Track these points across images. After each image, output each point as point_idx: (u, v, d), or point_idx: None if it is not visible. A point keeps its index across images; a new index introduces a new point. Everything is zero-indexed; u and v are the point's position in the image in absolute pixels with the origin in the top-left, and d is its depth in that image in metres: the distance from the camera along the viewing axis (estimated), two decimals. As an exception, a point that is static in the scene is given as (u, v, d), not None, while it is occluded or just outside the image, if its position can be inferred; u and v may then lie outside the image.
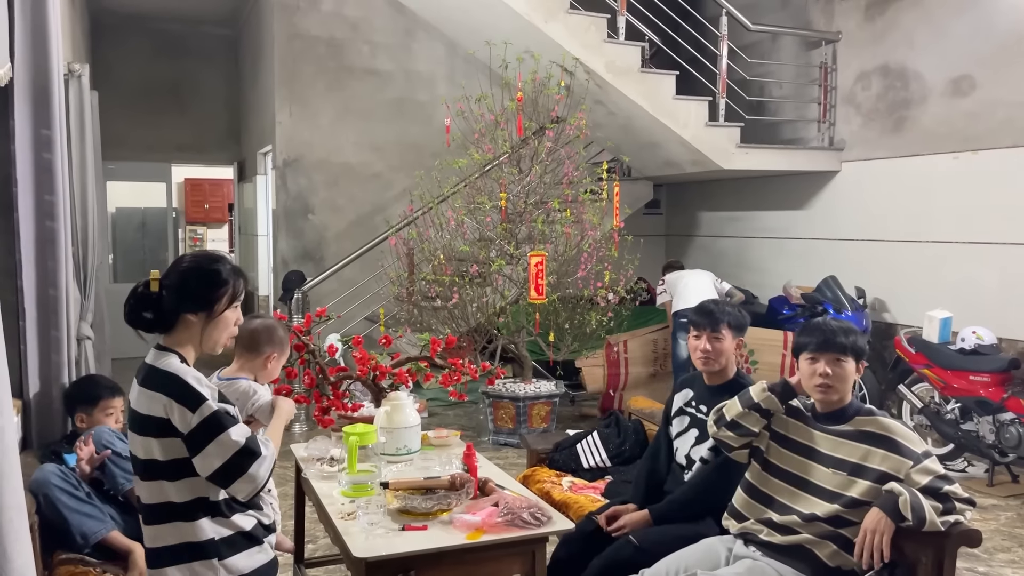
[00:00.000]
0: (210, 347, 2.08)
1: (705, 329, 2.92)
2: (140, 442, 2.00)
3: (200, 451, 1.93)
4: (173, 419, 1.93)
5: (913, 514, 2.19)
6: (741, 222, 8.10)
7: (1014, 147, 5.55)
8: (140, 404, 1.98)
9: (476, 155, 5.98)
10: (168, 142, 9.47)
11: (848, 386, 2.43)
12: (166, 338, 2.05)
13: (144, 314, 2.01)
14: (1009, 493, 4.97)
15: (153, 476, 1.99)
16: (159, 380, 1.96)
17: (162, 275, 2.04)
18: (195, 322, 2.04)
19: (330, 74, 7.70)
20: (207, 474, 1.95)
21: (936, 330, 5.48)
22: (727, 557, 2.54)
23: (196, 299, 2.03)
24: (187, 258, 2.10)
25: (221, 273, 2.05)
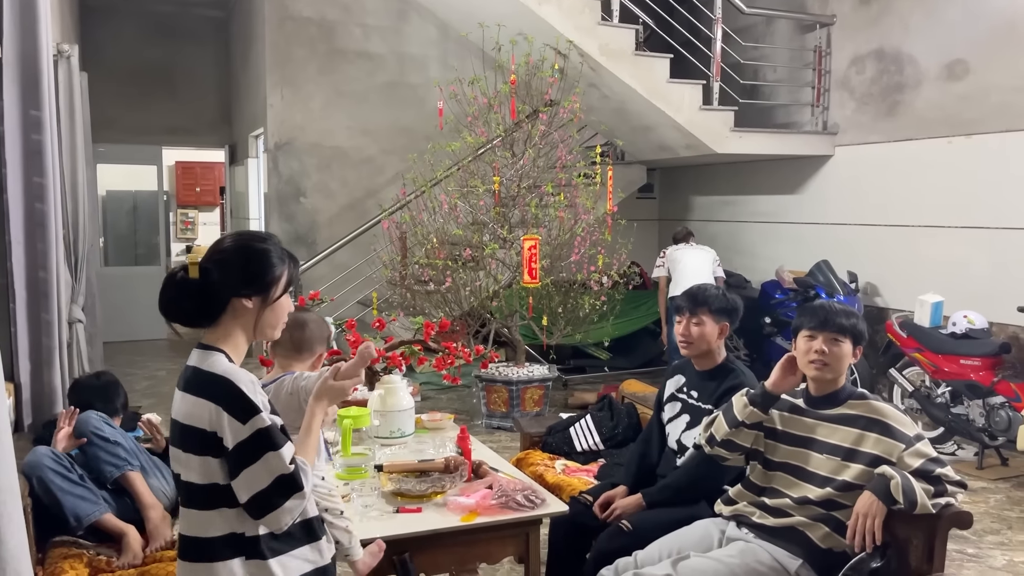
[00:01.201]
0: (267, 335, 1.83)
1: (685, 313, 2.93)
2: (182, 458, 1.73)
3: (243, 470, 1.65)
4: (220, 431, 1.66)
5: (904, 497, 2.20)
6: (734, 206, 8.10)
7: (1007, 131, 5.55)
8: (182, 412, 1.72)
9: (469, 138, 5.96)
10: (159, 125, 9.40)
11: (843, 367, 2.44)
12: (210, 332, 1.78)
13: (185, 304, 1.75)
14: (998, 476, 5.00)
15: (191, 503, 1.74)
16: (206, 384, 1.69)
17: (202, 259, 1.78)
18: (249, 309, 1.78)
19: (322, 57, 7.64)
20: (245, 499, 1.67)
21: (927, 314, 5.51)
22: (720, 539, 2.55)
23: (251, 281, 1.77)
24: (232, 238, 1.84)
25: (274, 253, 1.80)
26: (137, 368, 8.11)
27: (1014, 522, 4.31)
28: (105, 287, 9.51)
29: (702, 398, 2.93)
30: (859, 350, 2.46)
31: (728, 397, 2.85)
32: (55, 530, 2.70)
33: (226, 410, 1.65)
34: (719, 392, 2.87)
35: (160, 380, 7.61)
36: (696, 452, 2.82)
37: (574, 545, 2.91)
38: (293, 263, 1.85)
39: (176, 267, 1.77)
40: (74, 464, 2.76)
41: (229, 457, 1.66)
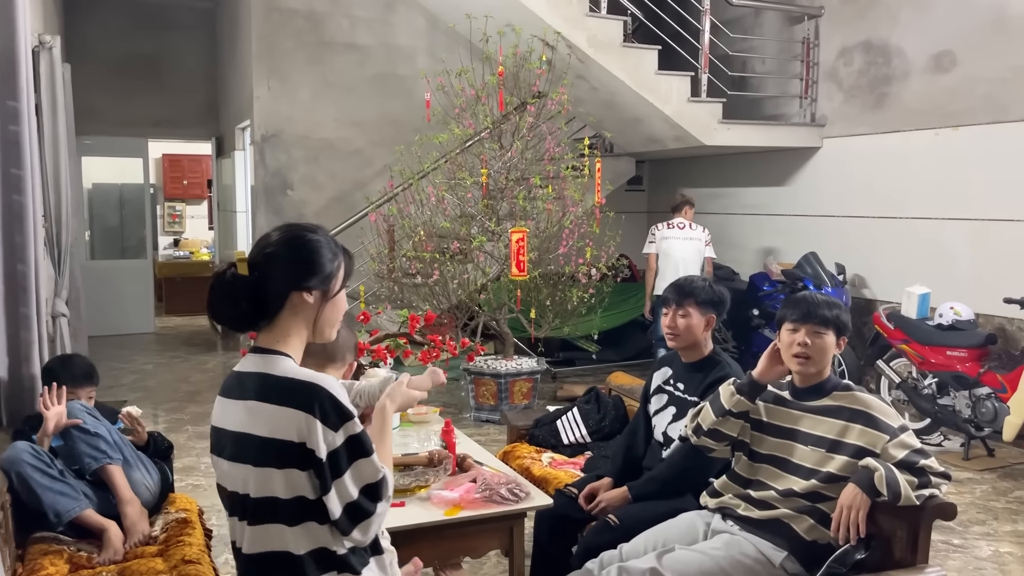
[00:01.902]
0: (326, 334, 1.70)
1: (671, 305, 2.92)
2: (252, 475, 1.58)
3: (336, 480, 1.54)
4: (312, 442, 1.53)
5: (888, 489, 2.20)
6: (723, 199, 8.10)
7: (994, 123, 5.56)
8: (257, 424, 1.58)
9: (456, 130, 5.92)
10: (145, 117, 9.33)
11: (826, 359, 2.43)
12: (266, 334, 1.65)
13: (241, 304, 1.61)
14: (984, 467, 5.03)
15: (265, 518, 1.59)
16: (291, 392, 1.56)
17: (251, 255, 1.65)
18: (310, 304, 1.65)
19: (309, 48, 7.58)
20: (338, 511, 1.56)
21: (914, 306, 5.52)
22: (705, 532, 2.54)
23: (311, 272, 1.64)
24: (279, 230, 1.70)
25: (328, 243, 1.69)
26: (123, 362, 8.06)
27: (1000, 512, 4.33)
28: (91, 281, 9.44)
29: (688, 390, 2.92)
30: (843, 341, 2.46)
31: (714, 389, 2.84)
32: (35, 526, 2.67)
33: (319, 418, 1.53)
34: (705, 384, 2.86)
35: (147, 374, 7.57)
36: (682, 444, 2.80)
37: (559, 538, 2.89)
38: (347, 255, 1.74)
39: (223, 265, 1.64)
40: (54, 460, 2.73)
41: (320, 468, 1.53)
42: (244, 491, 1.61)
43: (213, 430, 1.70)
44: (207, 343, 9.07)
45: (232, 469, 1.62)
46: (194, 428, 5.78)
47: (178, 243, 13.07)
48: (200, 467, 4.97)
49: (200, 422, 5.93)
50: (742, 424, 2.52)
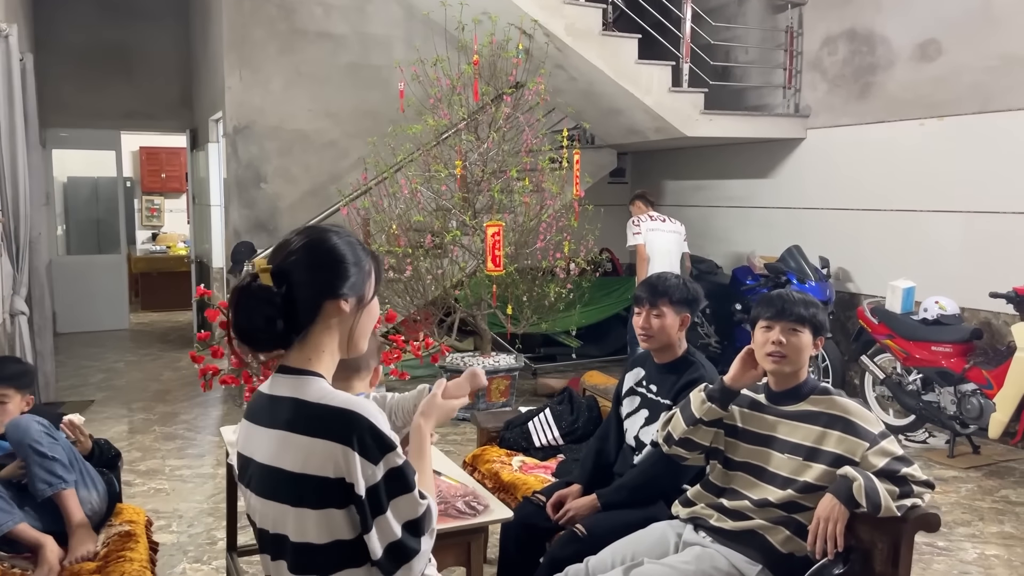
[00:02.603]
0: (360, 346, 1.53)
1: (644, 304, 2.78)
2: (289, 514, 1.41)
3: (377, 517, 1.38)
4: (351, 476, 1.36)
5: (868, 500, 2.07)
6: (706, 191, 7.96)
7: (980, 113, 5.44)
8: (288, 458, 1.40)
9: (431, 121, 5.76)
10: (116, 108, 9.09)
11: (802, 359, 2.30)
12: (297, 352, 1.47)
13: (276, 322, 1.41)
14: (970, 464, 4.93)
15: (304, 568, 1.43)
16: (326, 421, 1.39)
17: (273, 262, 1.45)
18: (345, 313, 1.48)
19: (282, 37, 7.38)
20: (380, 553, 1.39)
21: (899, 300, 5.41)
22: (676, 544, 2.41)
23: (343, 278, 1.46)
24: (300, 233, 1.51)
25: (357, 245, 1.51)
26: (94, 360, 7.87)
27: (985, 513, 4.22)
28: (67, 276, 9.26)
29: (661, 392, 2.79)
30: (820, 341, 2.33)
31: (688, 391, 2.70)
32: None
33: (358, 450, 1.36)
34: (679, 386, 2.73)
35: (117, 372, 7.38)
36: (654, 450, 2.67)
37: (526, 547, 2.77)
38: (374, 257, 1.57)
39: (243, 278, 1.44)
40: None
41: (359, 505, 1.37)
42: (276, 531, 1.44)
43: (239, 457, 1.52)
44: (182, 340, 8.88)
45: (262, 506, 1.46)
46: (162, 429, 5.61)
47: (156, 237, 12.85)
48: (165, 470, 4.81)
49: (168, 422, 5.76)
50: (715, 432, 2.38)
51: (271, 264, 1.44)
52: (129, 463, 4.90)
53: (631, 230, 6.40)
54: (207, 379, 2.76)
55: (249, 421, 1.51)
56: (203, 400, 6.27)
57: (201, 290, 3.21)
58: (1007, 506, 4.31)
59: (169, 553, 3.69)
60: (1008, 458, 5.02)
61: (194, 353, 2.79)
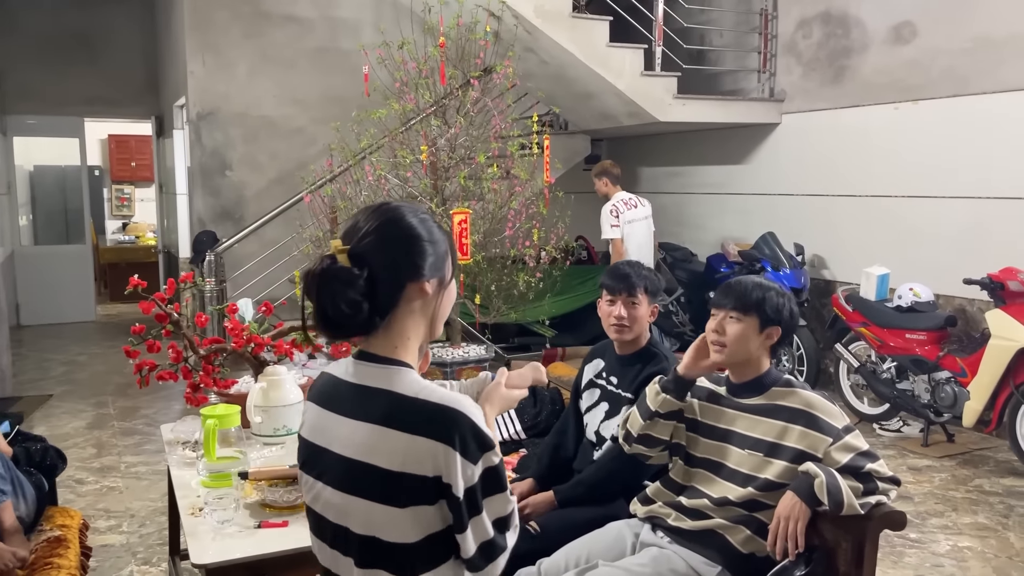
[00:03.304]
0: (437, 330, 1.46)
1: (620, 294, 2.67)
2: (376, 512, 1.34)
3: (474, 518, 1.33)
4: (448, 476, 1.31)
5: (830, 498, 1.97)
6: (682, 177, 7.85)
7: (954, 96, 5.35)
8: (382, 455, 1.32)
9: (396, 105, 5.60)
10: (78, 95, 8.85)
11: (744, 349, 2.17)
12: (379, 338, 1.39)
13: (363, 307, 1.32)
14: (944, 453, 4.86)
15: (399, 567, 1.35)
16: (429, 418, 1.32)
17: (348, 244, 1.35)
18: (427, 296, 1.40)
19: (246, 20, 7.19)
20: (472, 551, 1.35)
21: (873, 287, 5.33)
22: (633, 544, 2.30)
23: (425, 259, 1.38)
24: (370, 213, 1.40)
25: (433, 223, 1.44)
26: (57, 352, 7.67)
27: (959, 503, 4.15)
28: (33, 267, 9.04)
29: (622, 385, 2.68)
30: (774, 331, 2.19)
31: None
32: None
33: (459, 450, 1.30)
34: (641, 378, 2.61)
35: (79, 365, 7.19)
36: (614, 445, 2.56)
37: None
38: (448, 236, 1.47)
39: (319, 262, 1.34)
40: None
41: (455, 505, 1.31)
42: (361, 530, 1.35)
43: (307, 445, 1.43)
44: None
45: (341, 500, 1.36)
46: (120, 424, 5.45)
47: (126, 227, 12.61)
48: (120, 467, 4.66)
49: (127, 417, 5.60)
50: (674, 426, 2.27)
51: (349, 246, 1.34)
52: (83, 460, 4.76)
53: (608, 221, 6.08)
54: (143, 375, 2.62)
55: (325, 408, 1.41)
56: (166, 394, 6.10)
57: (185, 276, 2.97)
58: (981, 496, 4.25)
59: (117, 555, 3.55)
60: (982, 447, 4.96)
61: (128, 348, 2.64)
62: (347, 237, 1.37)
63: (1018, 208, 5.03)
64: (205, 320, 2.91)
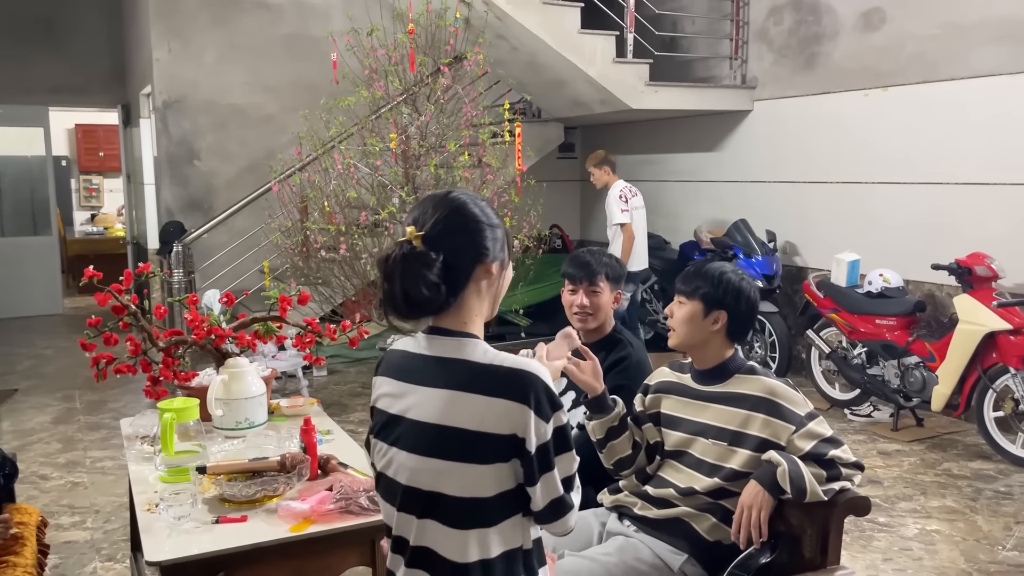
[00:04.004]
0: (495, 310, 1.56)
1: (582, 282, 2.65)
2: (453, 471, 1.42)
3: (545, 474, 1.43)
4: (524, 432, 1.40)
5: (792, 486, 1.96)
6: (655, 165, 7.84)
7: (923, 83, 5.37)
8: (462, 416, 1.41)
9: (364, 93, 5.52)
10: (42, 83, 8.66)
11: (692, 331, 2.17)
12: (451, 316, 1.48)
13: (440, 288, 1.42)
14: (913, 437, 4.90)
15: (472, 521, 1.43)
16: (506, 381, 1.41)
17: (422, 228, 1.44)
18: (492, 277, 1.51)
19: (214, 6, 7.06)
20: (542, 505, 1.45)
21: (844, 273, 5.35)
22: (600, 533, 2.29)
23: (489, 243, 1.49)
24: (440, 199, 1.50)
25: (487, 210, 1.53)
26: (23, 347, 7.54)
27: (928, 487, 4.19)
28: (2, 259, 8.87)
29: (589, 373, 2.65)
30: (719, 315, 2.17)
31: (617, 369, 2.59)
32: None
33: (533, 409, 1.39)
34: (606, 365, 2.58)
35: (45, 359, 7.07)
36: (580, 433, 2.54)
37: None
38: (503, 222, 1.58)
39: (398, 247, 1.42)
40: None
41: (527, 461, 1.41)
42: (432, 488, 1.44)
43: (380, 414, 1.53)
44: (118, 324, 8.54)
45: (417, 463, 1.45)
46: (87, 418, 5.37)
47: (95, 218, 12.41)
48: (85, 462, 4.58)
49: (95, 411, 5.51)
50: (631, 436, 2.25)
51: (423, 231, 1.44)
52: (48, 455, 4.68)
53: (618, 206, 5.93)
54: (100, 368, 2.56)
55: (400, 380, 1.51)
56: (134, 387, 6.00)
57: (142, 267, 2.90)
58: (949, 479, 4.28)
59: (81, 552, 3.49)
60: (951, 430, 5.01)
61: (84, 341, 2.58)
62: (418, 224, 1.46)
63: (986, 194, 5.07)
64: (164, 311, 2.84)
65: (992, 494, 4.09)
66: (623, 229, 5.92)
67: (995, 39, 4.96)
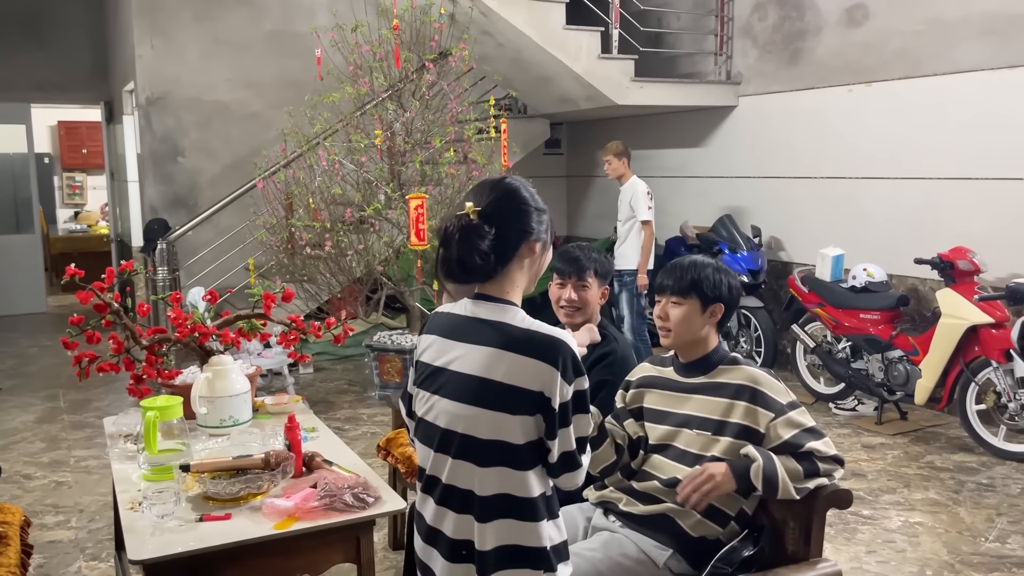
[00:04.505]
0: (532, 287, 1.76)
1: (570, 277, 2.65)
2: (487, 417, 1.62)
3: (562, 429, 1.63)
4: (549, 391, 1.60)
5: (765, 483, 1.98)
6: (641, 161, 7.82)
7: (906, 78, 5.41)
8: (498, 371, 1.61)
9: (349, 89, 5.51)
10: (24, 80, 8.58)
11: (691, 329, 2.18)
12: (496, 284, 1.69)
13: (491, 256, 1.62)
14: (897, 431, 4.94)
15: (497, 461, 1.63)
16: (539, 345, 1.61)
17: (478, 205, 1.64)
18: (534, 255, 1.71)
19: (197, 2, 7.02)
20: (556, 457, 1.65)
21: (828, 268, 5.38)
22: (585, 528, 2.29)
23: (536, 223, 1.70)
24: (495, 183, 1.72)
25: (536, 196, 1.73)
26: (6, 345, 7.48)
27: (911, 479, 4.22)
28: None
29: (575, 368, 2.66)
30: (717, 308, 2.18)
31: (601, 365, 2.60)
32: None
33: (560, 371, 1.60)
34: (591, 360, 2.59)
35: (29, 358, 7.02)
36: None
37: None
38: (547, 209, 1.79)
39: (457, 219, 1.62)
40: None
41: (550, 416, 1.61)
42: (466, 431, 1.64)
43: (426, 367, 1.73)
44: (103, 322, 8.49)
45: (457, 409, 1.65)
46: (71, 417, 5.33)
47: (78, 215, 12.32)
48: (70, 461, 4.55)
49: (79, 411, 5.47)
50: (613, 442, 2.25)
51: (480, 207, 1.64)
52: (31, 455, 4.64)
53: (645, 203, 5.73)
54: (82, 367, 2.54)
55: (445, 337, 1.71)
56: (119, 386, 5.97)
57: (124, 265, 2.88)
58: (932, 472, 4.32)
59: (65, 551, 3.47)
60: (934, 423, 5.05)
61: (66, 339, 2.56)
62: (476, 202, 1.66)
63: (969, 189, 5.11)
64: (148, 310, 2.83)
65: (975, 486, 4.13)
66: (645, 227, 5.74)
67: (978, 35, 5.00)
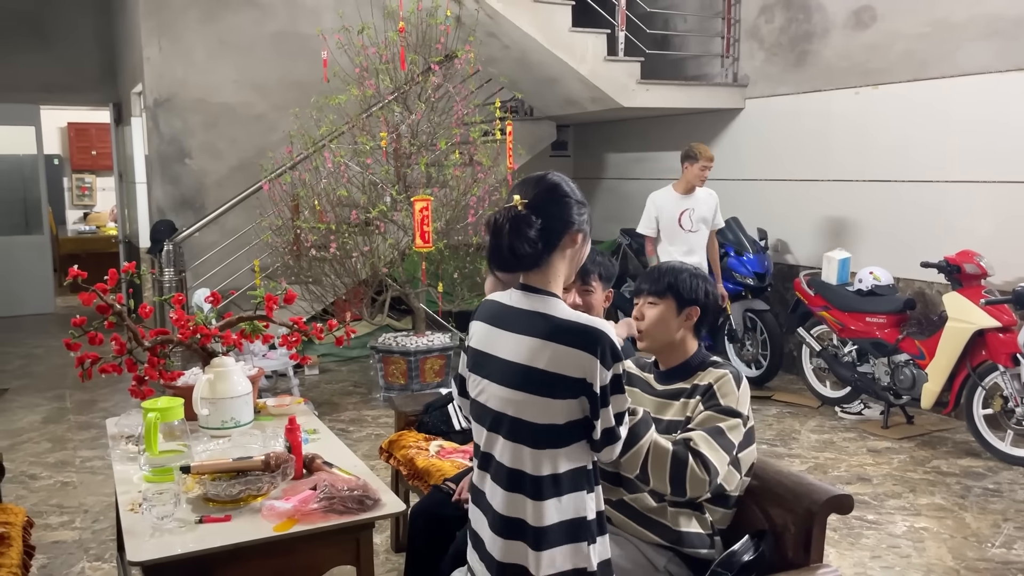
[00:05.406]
0: (572, 278, 1.87)
1: (575, 281, 2.65)
2: (534, 402, 1.69)
3: (603, 408, 1.71)
4: (591, 377, 1.69)
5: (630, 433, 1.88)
6: (647, 163, 7.84)
7: (913, 80, 5.38)
8: (542, 359, 1.69)
9: (355, 91, 5.52)
10: (33, 81, 8.63)
11: (666, 330, 2.17)
12: (538, 275, 1.76)
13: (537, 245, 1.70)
14: (903, 435, 4.91)
15: (546, 442, 1.71)
16: (581, 335, 1.69)
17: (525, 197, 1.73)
18: (576, 246, 1.79)
19: (203, 4, 7.05)
20: (599, 435, 1.73)
21: (834, 271, 5.36)
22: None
23: (578, 216, 1.77)
24: (539, 178, 1.79)
25: (577, 191, 1.82)
26: (14, 346, 7.52)
27: (917, 484, 4.20)
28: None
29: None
30: (693, 311, 2.17)
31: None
32: None
33: (599, 359, 1.67)
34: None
35: (36, 358, 7.05)
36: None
37: (435, 538, 2.61)
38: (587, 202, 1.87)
39: (507, 210, 1.71)
40: None
41: (592, 398, 1.69)
42: (516, 415, 1.72)
43: (477, 352, 1.81)
44: (110, 323, 8.52)
45: (506, 393, 1.73)
46: (76, 418, 5.35)
47: (88, 217, 12.37)
48: (75, 462, 4.57)
49: (84, 411, 5.49)
50: None
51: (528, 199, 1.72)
52: (37, 455, 4.66)
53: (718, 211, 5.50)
54: (85, 368, 2.55)
55: (494, 326, 1.79)
56: (125, 387, 5.94)
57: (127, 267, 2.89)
58: (938, 477, 4.30)
59: (69, 551, 3.48)
60: (940, 428, 5.02)
61: (68, 340, 2.57)
62: (523, 195, 1.73)
63: (976, 192, 5.08)
64: (150, 311, 2.84)
65: (981, 491, 4.10)
66: (712, 236, 5.47)
67: (984, 36, 4.97)
